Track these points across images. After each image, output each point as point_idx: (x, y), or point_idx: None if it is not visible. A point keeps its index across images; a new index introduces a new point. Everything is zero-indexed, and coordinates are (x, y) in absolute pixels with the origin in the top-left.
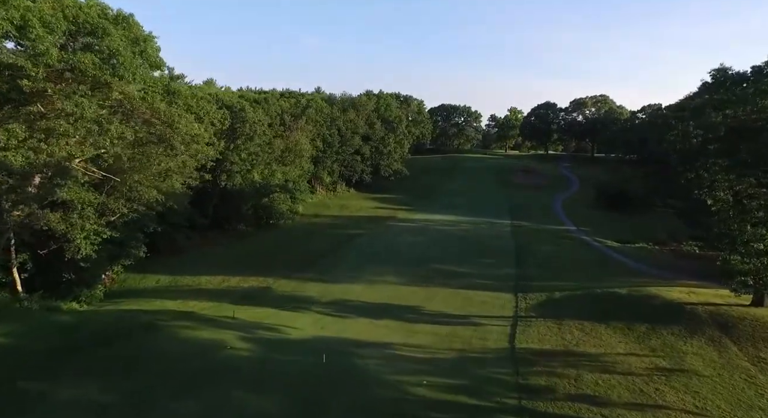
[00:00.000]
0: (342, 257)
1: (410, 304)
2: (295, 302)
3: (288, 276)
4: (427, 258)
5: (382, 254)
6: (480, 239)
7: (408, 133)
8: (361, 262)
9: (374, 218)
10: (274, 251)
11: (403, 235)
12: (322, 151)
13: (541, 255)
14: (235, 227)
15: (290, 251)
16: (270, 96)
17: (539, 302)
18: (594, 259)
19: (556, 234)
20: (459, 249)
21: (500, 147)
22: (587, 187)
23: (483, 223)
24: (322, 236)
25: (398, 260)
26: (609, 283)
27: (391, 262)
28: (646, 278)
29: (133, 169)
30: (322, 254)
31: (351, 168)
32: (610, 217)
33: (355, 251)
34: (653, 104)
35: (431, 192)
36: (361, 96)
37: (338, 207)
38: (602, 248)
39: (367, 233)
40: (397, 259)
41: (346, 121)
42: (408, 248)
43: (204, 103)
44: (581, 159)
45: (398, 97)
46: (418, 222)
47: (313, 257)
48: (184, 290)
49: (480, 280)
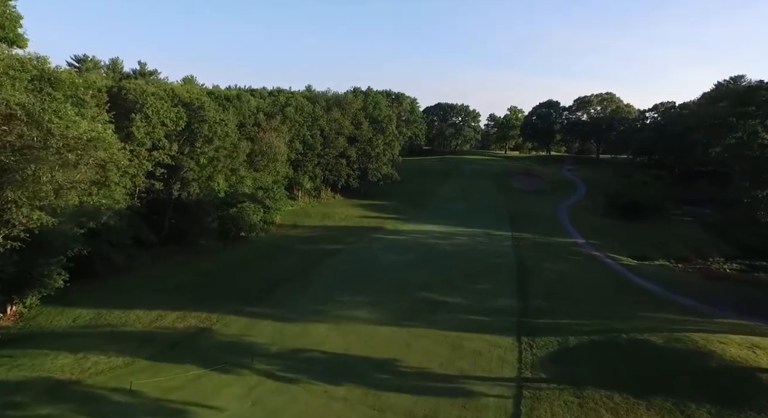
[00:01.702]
0: (311, 281)
1: (384, 356)
2: (235, 353)
3: (239, 311)
4: (412, 283)
5: (360, 278)
6: (477, 255)
7: (399, 134)
8: (333, 289)
9: (358, 230)
10: (233, 272)
11: (388, 252)
12: (302, 153)
13: (548, 278)
14: (198, 241)
15: (252, 273)
16: (243, 93)
17: (549, 351)
18: (610, 283)
19: (563, 249)
20: (451, 270)
21: (500, 148)
22: (594, 192)
23: (480, 235)
24: (294, 253)
25: (378, 286)
26: (636, 322)
27: (370, 289)
28: (681, 313)
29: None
30: (289, 278)
31: (336, 172)
32: (621, 227)
33: (328, 273)
34: (666, 102)
35: (424, 198)
36: (348, 93)
37: (320, 216)
38: (617, 266)
39: (347, 250)
40: (377, 285)
41: (329, 121)
42: (392, 270)
43: (153, 100)
44: (585, 161)
45: (389, 94)
46: (407, 234)
47: (277, 282)
48: (100, 334)
49: (475, 315)
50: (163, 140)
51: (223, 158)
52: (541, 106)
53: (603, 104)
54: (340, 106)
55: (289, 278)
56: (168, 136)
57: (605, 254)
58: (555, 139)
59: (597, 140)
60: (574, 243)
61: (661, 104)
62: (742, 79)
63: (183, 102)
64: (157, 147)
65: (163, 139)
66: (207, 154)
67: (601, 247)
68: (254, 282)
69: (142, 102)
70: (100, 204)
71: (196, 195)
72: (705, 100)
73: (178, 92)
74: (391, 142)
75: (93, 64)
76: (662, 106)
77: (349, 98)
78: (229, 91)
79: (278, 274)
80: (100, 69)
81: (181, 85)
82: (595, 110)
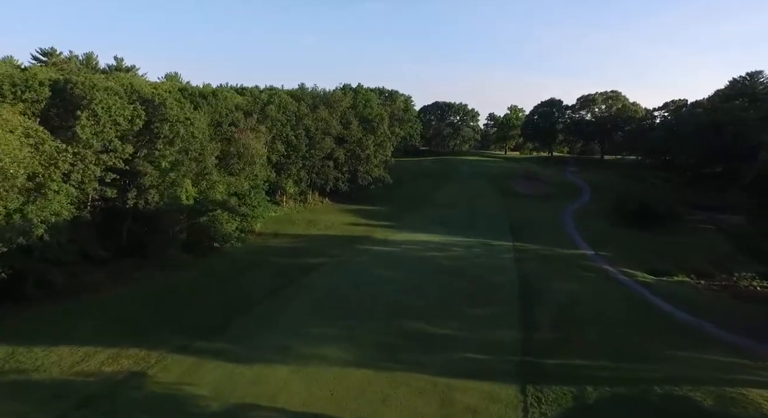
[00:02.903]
0: (281, 306)
1: (351, 416)
2: (164, 413)
3: (187, 347)
4: (398, 308)
5: (339, 302)
6: (474, 271)
7: (391, 134)
8: (305, 316)
9: (344, 240)
10: (194, 292)
11: (374, 267)
12: (285, 155)
13: (555, 300)
14: (164, 254)
15: (215, 294)
16: (220, 91)
17: (563, 409)
18: (629, 307)
19: (571, 263)
20: (445, 290)
21: (500, 148)
22: (600, 196)
23: (479, 245)
24: (268, 268)
25: (359, 312)
26: (669, 366)
27: (348, 316)
28: (722, 351)
29: None
30: (257, 300)
31: (323, 176)
32: (632, 235)
33: (303, 295)
34: (677, 100)
35: (419, 203)
36: (336, 91)
37: (305, 223)
38: (634, 285)
39: (329, 264)
40: (357, 310)
41: (315, 120)
42: (377, 290)
43: (103, 95)
44: (589, 162)
45: (382, 92)
46: (397, 245)
47: (241, 306)
48: (2, 386)
49: (471, 352)
50: (116, 141)
51: (188, 162)
52: (543, 104)
53: (608, 103)
54: (327, 105)
55: (257, 300)
56: (124, 136)
57: (618, 268)
58: (557, 139)
59: (601, 141)
60: (582, 255)
61: (672, 102)
62: (761, 75)
63: (143, 98)
64: (108, 149)
65: (115, 140)
66: (168, 158)
67: (612, 260)
68: (215, 306)
69: (90, 97)
70: (34, 216)
71: (156, 203)
72: (718, 97)
73: (139, 87)
74: (383, 142)
75: (60, 57)
76: (673, 104)
77: (337, 96)
78: (205, 87)
79: (245, 295)
80: (69, 63)
81: (144, 79)
82: (599, 109)
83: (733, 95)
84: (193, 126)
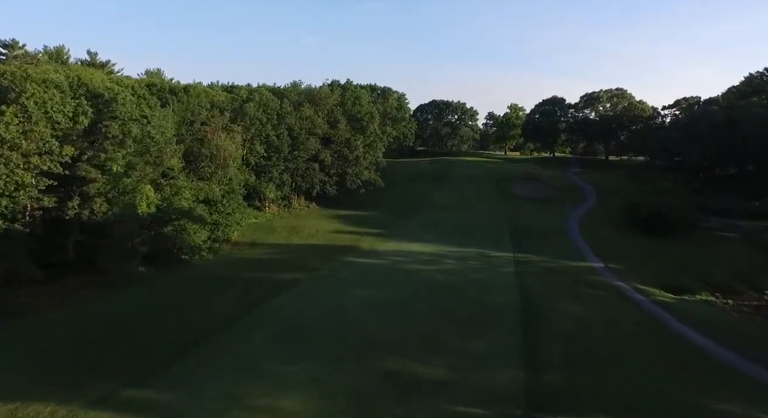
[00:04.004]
0: (240, 336)
1: None
2: None
3: (106, 399)
4: (378, 341)
5: (308, 332)
6: (470, 290)
7: (383, 134)
8: (265, 351)
9: (326, 250)
10: (141, 317)
11: (355, 285)
12: (266, 157)
13: (563, 329)
14: (120, 269)
15: (167, 319)
16: (192, 87)
17: None
18: (650, 337)
19: (578, 278)
20: (434, 317)
21: (499, 148)
22: (607, 200)
23: (476, 257)
24: (236, 286)
25: (330, 345)
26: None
27: (317, 351)
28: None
29: None
30: (211, 329)
31: (308, 179)
32: (644, 245)
33: (268, 322)
34: (689, 97)
35: (413, 207)
36: (323, 87)
37: (287, 231)
38: (651, 306)
39: (304, 282)
40: (328, 343)
41: (299, 119)
42: (354, 317)
43: (36, 89)
44: (593, 163)
45: (374, 89)
46: (385, 257)
47: (192, 337)
48: None
49: (463, 403)
50: (51, 142)
51: (143, 165)
52: (545, 103)
53: (613, 101)
54: (313, 102)
55: (213, 329)
56: (65, 136)
57: (632, 284)
58: (560, 139)
59: (606, 141)
60: (591, 269)
61: (684, 100)
62: None
63: (94, 93)
64: (42, 151)
65: (51, 140)
66: (120, 161)
67: (624, 274)
68: (161, 337)
69: (19, 90)
70: None
71: (104, 213)
72: (732, 94)
73: (88, 80)
74: (373, 143)
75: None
76: (685, 102)
77: (323, 93)
78: (177, 83)
79: (201, 322)
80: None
81: (104, 74)
82: (604, 107)
83: (750, 92)
84: (150, 125)
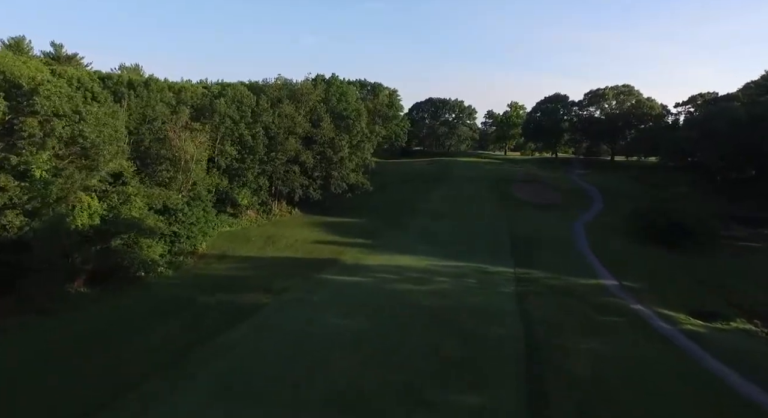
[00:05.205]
0: (180, 383)
1: None
2: None
3: None
4: (346, 396)
5: (258, 381)
6: (463, 320)
7: (371, 134)
8: (198, 411)
9: (304, 265)
10: (56, 358)
11: (329, 311)
12: (239, 159)
13: (576, 375)
14: (52, 292)
15: (91, 360)
16: (154, 81)
17: None
18: (685, 381)
19: (590, 301)
20: (419, 358)
21: (499, 148)
22: (615, 205)
23: (472, 273)
24: (188, 313)
25: (283, 401)
26: None
27: (266, 411)
28: None
29: None
30: (139, 376)
31: (288, 183)
32: (661, 258)
33: (211, 366)
34: (705, 93)
35: (404, 213)
36: (305, 82)
37: (263, 240)
38: (680, 337)
39: (269, 307)
40: (281, 398)
41: (278, 117)
42: (320, 359)
43: None
44: (598, 164)
45: (364, 85)
46: (369, 274)
47: (109, 390)
48: None
49: None
50: None
51: (74, 170)
52: (547, 100)
53: (619, 98)
54: (293, 98)
55: (145, 374)
56: None
57: (652, 308)
58: (563, 139)
59: (612, 140)
60: (603, 288)
61: (700, 96)
62: None
63: (11, 83)
64: None
65: None
66: (42, 167)
67: (642, 295)
68: (71, 390)
69: None
70: None
71: (17, 229)
72: (751, 89)
73: (7, 67)
74: (360, 143)
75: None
76: (701, 98)
77: (305, 88)
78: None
79: (132, 364)
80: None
81: (29, 58)
82: (609, 105)
83: None
84: (84, 122)
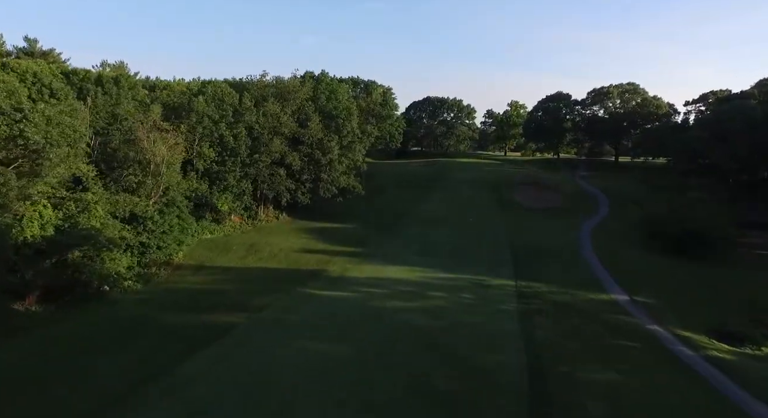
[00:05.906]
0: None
1: None
2: None
3: None
4: None
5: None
6: (459, 346)
7: (362, 134)
8: None
9: (286, 277)
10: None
11: (307, 336)
12: (219, 162)
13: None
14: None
15: (19, 401)
16: (124, 77)
17: None
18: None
19: (600, 319)
20: (406, 394)
21: (499, 148)
22: (621, 209)
23: (469, 288)
24: (147, 338)
25: None
26: None
27: None
28: None
29: None
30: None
31: (273, 186)
32: (675, 270)
33: (160, 409)
34: (718, 91)
35: (399, 218)
36: (292, 79)
37: (245, 249)
38: (707, 367)
39: (241, 328)
40: None
41: (262, 116)
42: (291, 398)
43: None
44: (602, 165)
45: (356, 83)
46: (356, 288)
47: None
48: None
49: None
50: None
51: (11, 176)
52: (549, 99)
53: (624, 97)
54: (279, 97)
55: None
56: None
57: (670, 330)
58: (565, 139)
59: (616, 140)
60: (614, 304)
61: (712, 93)
62: None
63: None
64: None
65: None
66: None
67: (657, 312)
68: None
69: None
70: None
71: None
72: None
73: None
74: (351, 144)
75: None
76: (713, 96)
77: (292, 85)
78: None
79: (71, 407)
80: None
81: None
82: (614, 104)
83: None
84: (26, 122)
